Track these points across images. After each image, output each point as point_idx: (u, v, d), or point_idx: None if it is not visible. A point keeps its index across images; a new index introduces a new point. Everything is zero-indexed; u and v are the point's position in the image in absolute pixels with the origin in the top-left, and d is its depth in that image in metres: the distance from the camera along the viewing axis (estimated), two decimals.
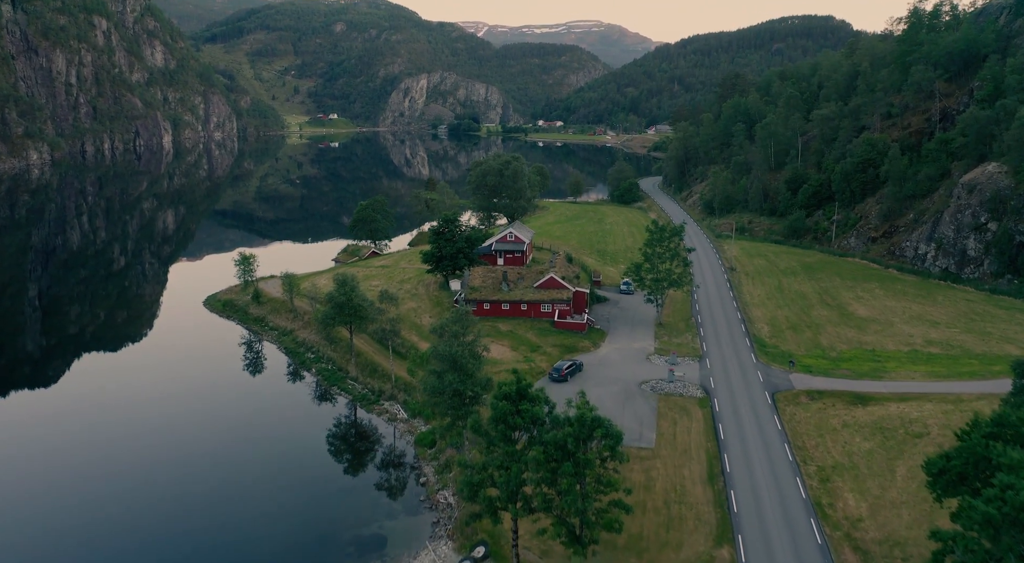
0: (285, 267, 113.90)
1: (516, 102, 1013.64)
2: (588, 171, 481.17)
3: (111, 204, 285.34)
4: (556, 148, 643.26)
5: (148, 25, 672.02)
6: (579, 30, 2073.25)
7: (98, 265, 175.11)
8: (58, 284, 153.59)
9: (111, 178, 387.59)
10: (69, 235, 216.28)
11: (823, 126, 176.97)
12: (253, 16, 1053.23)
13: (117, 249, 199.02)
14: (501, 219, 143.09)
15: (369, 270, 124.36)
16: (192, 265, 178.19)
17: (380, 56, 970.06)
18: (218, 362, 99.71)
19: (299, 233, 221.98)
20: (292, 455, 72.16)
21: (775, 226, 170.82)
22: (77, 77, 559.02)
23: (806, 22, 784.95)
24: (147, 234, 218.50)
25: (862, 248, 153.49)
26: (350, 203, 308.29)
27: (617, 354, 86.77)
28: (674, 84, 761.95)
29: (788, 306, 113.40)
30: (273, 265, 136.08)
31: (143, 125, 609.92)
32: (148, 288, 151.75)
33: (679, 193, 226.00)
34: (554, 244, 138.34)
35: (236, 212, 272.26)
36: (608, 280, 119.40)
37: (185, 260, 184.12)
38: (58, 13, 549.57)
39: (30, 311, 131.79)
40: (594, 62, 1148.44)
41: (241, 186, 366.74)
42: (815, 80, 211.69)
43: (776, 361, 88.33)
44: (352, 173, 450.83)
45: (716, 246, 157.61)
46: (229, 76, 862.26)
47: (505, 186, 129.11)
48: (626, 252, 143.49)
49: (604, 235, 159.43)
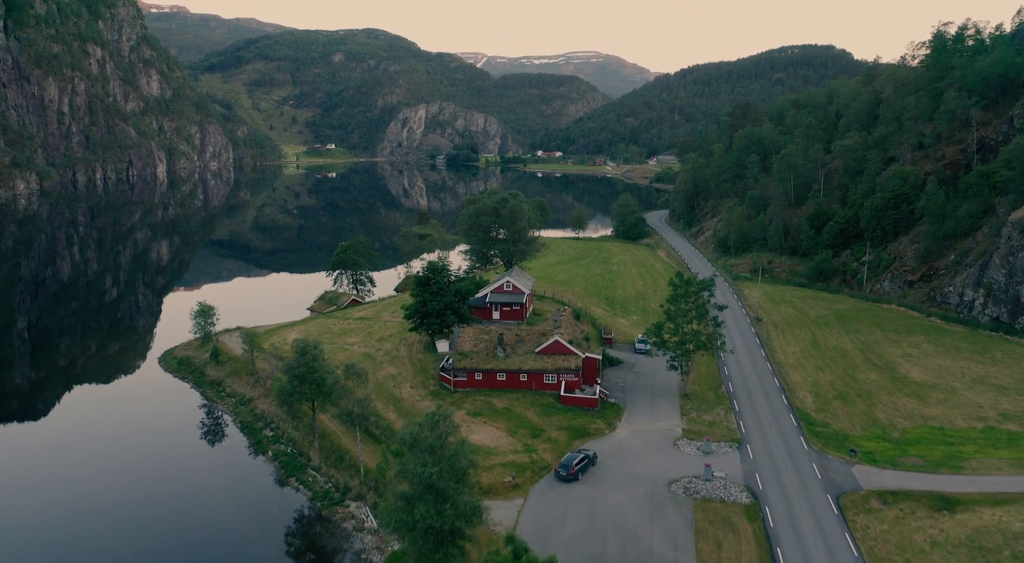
0: (258, 313, 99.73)
1: (515, 132, 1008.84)
2: (588, 202, 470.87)
3: (103, 235, 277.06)
4: (555, 179, 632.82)
5: (144, 54, 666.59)
6: (578, 61, 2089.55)
7: (68, 304, 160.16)
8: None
9: (103, 208, 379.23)
10: (60, 266, 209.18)
11: (847, 158, 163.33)
12: (252, 46, 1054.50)
13: (108, 280, 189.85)
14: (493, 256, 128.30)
15: (346, 323, 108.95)
16: (178, 300, 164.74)
17: (379, 86, 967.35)
18: (158, 440, 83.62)
19: (296, 264, 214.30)
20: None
21: (798, 267, 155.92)
22: (70, 106, 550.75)
23: (806, 51, 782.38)
24: (140, 265, 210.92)
25: (898, 293, 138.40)
26: (348, 234, 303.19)
27: (638, 439, 70.88)
28: (674, 114, 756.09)
29: (829, 367, 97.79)
30: (245, 311, 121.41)
31: (136, 155, 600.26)
32: (106, 338, 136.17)
33: (688, 229, 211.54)
34: (557, 291, 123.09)
35: (233, 242, 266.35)
36: (620, 335, 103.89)
37: (183, 289, 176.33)
38: (52, 41, 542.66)
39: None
40: (593, 92, 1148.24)
41: (238, 216, 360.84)
42: (832, 109, 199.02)
43: (831, 446, 72.48)
44: (350, 203, 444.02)
45: (736, 290, 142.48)
46: (227, 105, 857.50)
47: (502, 227, 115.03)
48: (637, 299, 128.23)
49: (611, 278, 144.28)
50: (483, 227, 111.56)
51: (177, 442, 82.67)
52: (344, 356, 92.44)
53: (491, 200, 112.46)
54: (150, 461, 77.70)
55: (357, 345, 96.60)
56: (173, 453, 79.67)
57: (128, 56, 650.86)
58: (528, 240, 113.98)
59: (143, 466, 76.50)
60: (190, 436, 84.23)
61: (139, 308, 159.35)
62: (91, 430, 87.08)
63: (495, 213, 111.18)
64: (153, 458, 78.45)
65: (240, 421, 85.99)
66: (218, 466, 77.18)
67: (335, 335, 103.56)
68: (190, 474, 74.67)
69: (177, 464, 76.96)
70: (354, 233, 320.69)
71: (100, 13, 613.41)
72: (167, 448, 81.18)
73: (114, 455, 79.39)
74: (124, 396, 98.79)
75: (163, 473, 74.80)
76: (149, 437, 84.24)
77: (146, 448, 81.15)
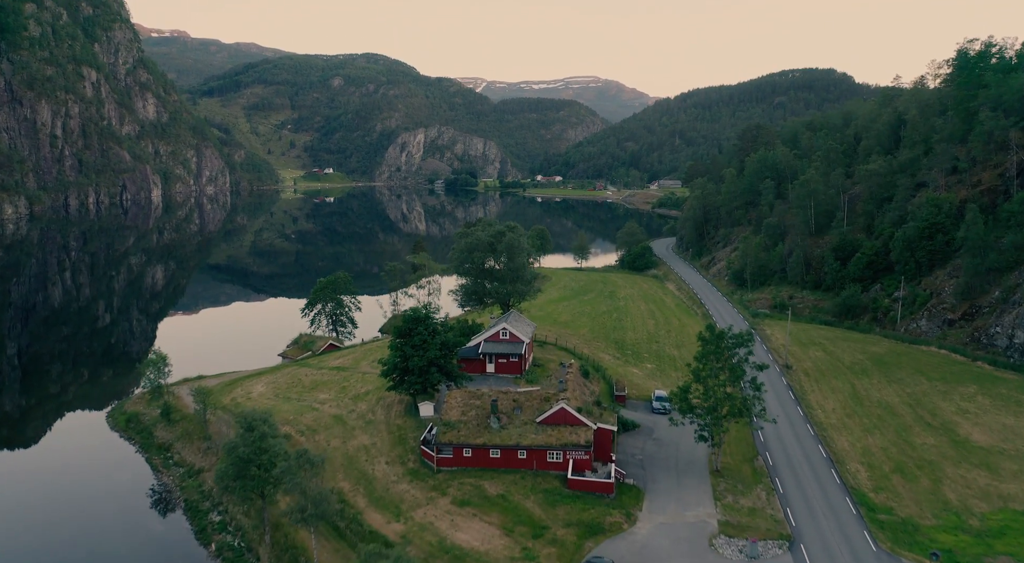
0: (231, 353, 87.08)
1: (514, 157, 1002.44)
2: (588, 227, 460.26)
3: (95, 260, 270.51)
4: (555, 203, 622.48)
5: (141, 77, 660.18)
6: (577, 85, 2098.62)
7: (58, 330, 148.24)
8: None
9: (95, 233, 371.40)
10: (51, 291, 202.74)
11: (871, 183, 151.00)
12: (251, 70, 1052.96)
13: (100, 306, 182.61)
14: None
15: (320, 373, 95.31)
16: (171, 327, 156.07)
17: (377, 110, 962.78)
18: (86, 522, 69.56)
19: (293, 289, 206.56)
20: None
21: (823, 303, 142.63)
22: (63, 129, 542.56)
23: (807, 75, 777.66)
24: (134, 290, 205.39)
25: (937, 333, 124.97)
26: (346, 258, 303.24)
27: (664, 536, 56.88)
28: (675, 138, 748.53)
29: (879, 428, 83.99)
30: (215, 352, 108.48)
31: (131, 179, 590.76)
32: (99, 365, 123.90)
33: (698, 259, 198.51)
34: (560, 335, 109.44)
35: (231, 267, 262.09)
36: (634, 389, 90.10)
37: (178, 314, 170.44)
38: (45, 64, 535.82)
39: None
40: (592, 117, 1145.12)
41: (235, 240, 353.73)
42: (850, 131, 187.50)
43: (903, 544, 58.49)
44: (348, 228, 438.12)
45: (757, 330, 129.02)
46: (225, 130, 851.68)
47: (498, 264, 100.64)
48: (649, 342, 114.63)
49: (620, 317, 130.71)
50: (476, 264, 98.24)
51: (109, 526, 68.69)
52: (311, 418, 78.75)
53: (485, 233, 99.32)
54: (70, 549, 63.68)
55: (328, 403, 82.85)
56: (102, 541, 65.65)
57: (124, 79, 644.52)
58: (527, 278, 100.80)
59: (62, 555, 62.46)
60: (125, 518, 70.24)
61: (132, 335, 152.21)
62: (11, 501, 73.17)
63: (490, 248, 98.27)
64: (75, 544, 64.45)
65: (185, 499, 71.95)
66: (152, 561, 63.14)
67: (305, 389, 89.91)
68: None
69: (104, 556, 62.96)
70: (352, 258, 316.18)
71: (96, 36, 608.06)
72: (95, 534, 67.16)
73: (29, 533, 65.40)
74: (60, 464, 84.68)
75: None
76: (76, 517, 70.20)
77: (69, 532, 67.11)
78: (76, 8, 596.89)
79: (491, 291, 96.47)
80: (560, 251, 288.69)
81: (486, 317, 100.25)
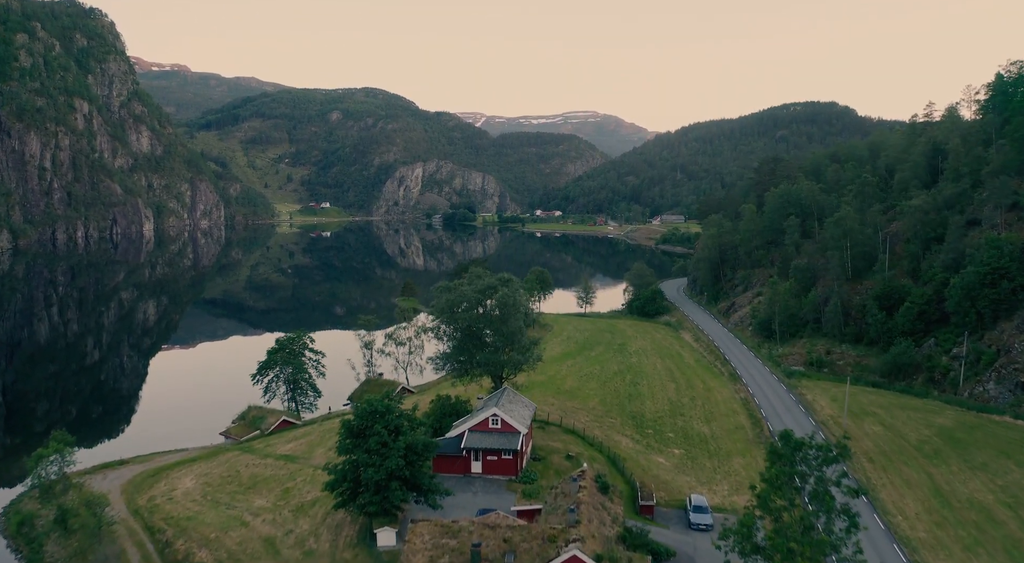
0: (169, 427, 67.19)
1: (513, 191, 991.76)
2: (589, 262, 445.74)
3: (84, 295, 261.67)
4: (555, 238, 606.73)
5: (135, 110, 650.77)
6: (576, 120, 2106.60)
7: (45, 367, 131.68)
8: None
9: (84, 267, 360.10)
10: (37, 327, 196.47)
11: (915, 221, 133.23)
12: (249, 104, 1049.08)
13: (89, 342, 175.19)
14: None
15: (263, 465, 75.69)
16: (162, 365, 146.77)
17: (375, 144, 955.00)
18: None
19: (289, 323, 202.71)
20: None
21: (867, 359, 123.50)
22: (52, 161, 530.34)
23: (809, 108, 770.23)
24: (125, 326, 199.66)
25: (1009, 398, 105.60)
26: (343, 293, 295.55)
27: None
28: (676, 172, 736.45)
29: (983, 546, 64.33)
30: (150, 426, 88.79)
31: (121, 212, 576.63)
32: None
33: (714, 304, 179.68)
34: (566, 410, 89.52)
35: (226, 301, 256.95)
36: (662, 489, 70.11)
37: (177, 347, 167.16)
38: (36, 95, 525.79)
39: None
40: (592, 151, 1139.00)
41: (231, 275, 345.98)
42: (881, 162, 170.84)
43: None
44: (345, 263, 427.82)
45: (794, 393, 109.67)
46: (222, 163, 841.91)
47: (488, 328, 79.37)
48: (673, 415, 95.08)
49: (634, 379, 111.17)
50: (461, 327, 79.65)
51: None
52: (236, 539, 59.09)
53: (473, 288, 79.87)
54: None
55: (264, 516, 63.09)
56: None
57: (118, 111, 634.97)
58: (525, 345, 79.92)
59: None
60: None
61: (123, 371, 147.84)
62: None
63: (477, 306, 79.86)
64: None
65: None
66: None
67: (241, 488, 70.26)
68: None
69: None
70: (349, 293, 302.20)
71: (90, 68, 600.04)
72: None
73: None
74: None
75: None
76: None
77: None
78: (70, 39, 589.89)
79: (479, 361, 77.38)
80: (560, 286, 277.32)
81: (473, 396, 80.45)
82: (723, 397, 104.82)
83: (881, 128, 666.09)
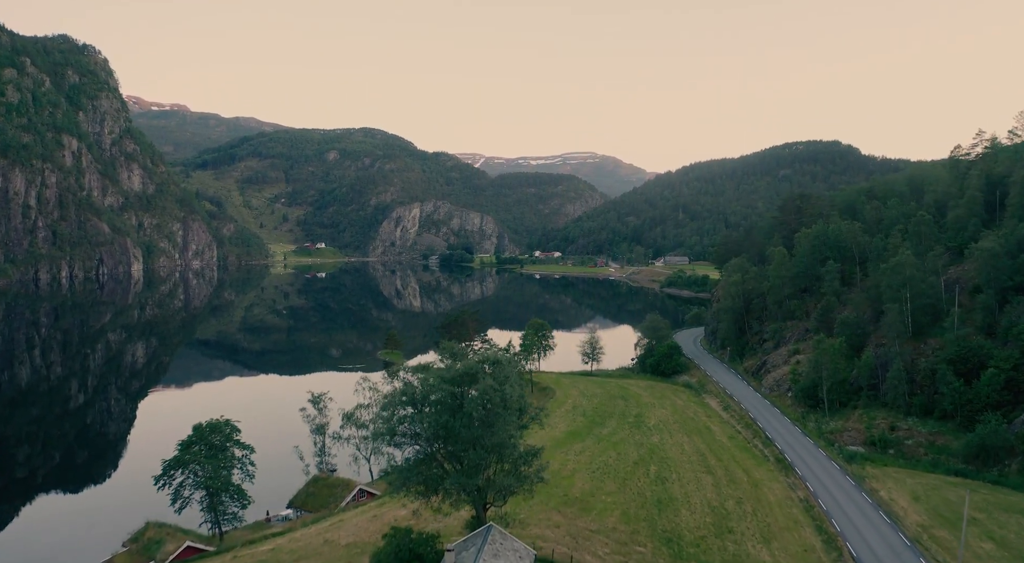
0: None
1: (512, 232, 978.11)
2: (589, 304, 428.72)
3: (68, 337, 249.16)
4: (554, 280, 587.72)
5: (127, 148, 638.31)
6: (574, 161, 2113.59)
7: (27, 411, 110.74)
8: None
9: (68, 308, 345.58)
10: (17, 370, 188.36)
11: (988, 267, 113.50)
12: (246, 143, 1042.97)
13: (73, 385, 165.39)
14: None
15: None
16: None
17: (372, 184, 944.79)
18: None
19: (284, 365, 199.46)
20: None
21: (943, 438, 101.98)
22: (37, 199, 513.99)
23: (811, 147, 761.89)
24: (112, 368, 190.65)
25: None
26: (339, 335, 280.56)
27: None
28: (679, 212, 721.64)
29: None
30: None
31: (108, 252, 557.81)
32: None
33: (739, 361, 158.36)
34: (576, 533, 65.97)
35: (220, 343, 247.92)
36: None
37: (159, 391, 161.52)
38: (23, 131, 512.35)
39: None
40: (591, 191, 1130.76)
41: (224, 316, 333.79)
42: (928, 198, 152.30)
43: None
44: (341, 304, 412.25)
45: (864, 489, 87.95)
46: (217, 203, 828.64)
47: (465, 436, 51.78)
48: (719, 532, 72.85)
49: (660, 470, 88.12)
50: (425, 437, 53.45)
51: None
52: None
53: (439, 381, 52.85)
54: None
55: None
56: None
57: (109, 149, 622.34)
58: (521, 456, 55.12)
59: None
60: None
61: (110, 415, 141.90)
62: None
63: (449, 412, 52.29)
64: None
65: None
66: None
67: None
68: None
69: None
70: (345, 335, 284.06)
71: (82, 104, 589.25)
72: None
73: None
74: None
75: None
76: None
77: None
78: (62, 76, 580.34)
79: (452, 481, 52.29)
80: (561, 328, 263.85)
81: (445, 536, 56.09)
82: (776, 497, 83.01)
83: (885, 167, 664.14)
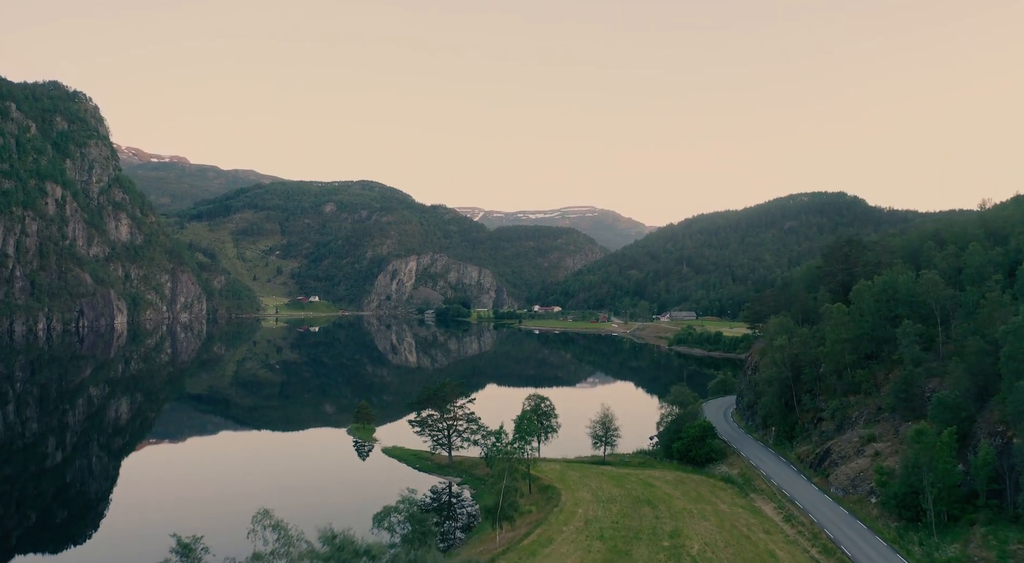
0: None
1: (510, 285, 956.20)
2: (590, 360, 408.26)
3: (45, 391, 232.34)
4: (554, 336, 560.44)
5: (115, 197, 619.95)
6: (573, 215, 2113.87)
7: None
8: None
9: (45, 362, 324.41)
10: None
11: None
12: (242, 195, 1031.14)
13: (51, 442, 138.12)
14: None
15: None
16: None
17: (368, 237, 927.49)
18: None
19: (278, 421, 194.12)
20: None
21: None
22: (16, 247, 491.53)
23: (817, 199, 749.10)
24: (94, 425, 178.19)
25: None
26: (332, 390, 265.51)
27: None
28: (683, 265, 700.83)
29: None
30: None
31: (89, 303, 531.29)
32: None
33: (790, 445, 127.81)
34: None
35: (211, 397, 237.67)
36: None
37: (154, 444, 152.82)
38: (3, 177, 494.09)
39: None
40: (591, 245, 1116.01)
41: (216, 370, 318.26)
42: (1012, 244, 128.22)
43: None
44: (335, 359, 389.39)
45: None
46: (211, 255, 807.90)
47: None
48: None
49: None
50: None
51: None
52: None
53: None
54: None
55: None
56: None
57: (97, 198, 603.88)
58: None
59: None
60: None
61: (91, 472, 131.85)
62: None
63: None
64: None
65: None
66: None
67: None
68: None
69: None
70: (339, 390, 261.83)
71: (69, 152, 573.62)
72: None
73: None
74: None
75: None
76: None
77: None
78: (50, 122, 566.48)
79: None
80: (562, 384, 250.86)
81: None
82: None
83: (893, 219, 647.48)
